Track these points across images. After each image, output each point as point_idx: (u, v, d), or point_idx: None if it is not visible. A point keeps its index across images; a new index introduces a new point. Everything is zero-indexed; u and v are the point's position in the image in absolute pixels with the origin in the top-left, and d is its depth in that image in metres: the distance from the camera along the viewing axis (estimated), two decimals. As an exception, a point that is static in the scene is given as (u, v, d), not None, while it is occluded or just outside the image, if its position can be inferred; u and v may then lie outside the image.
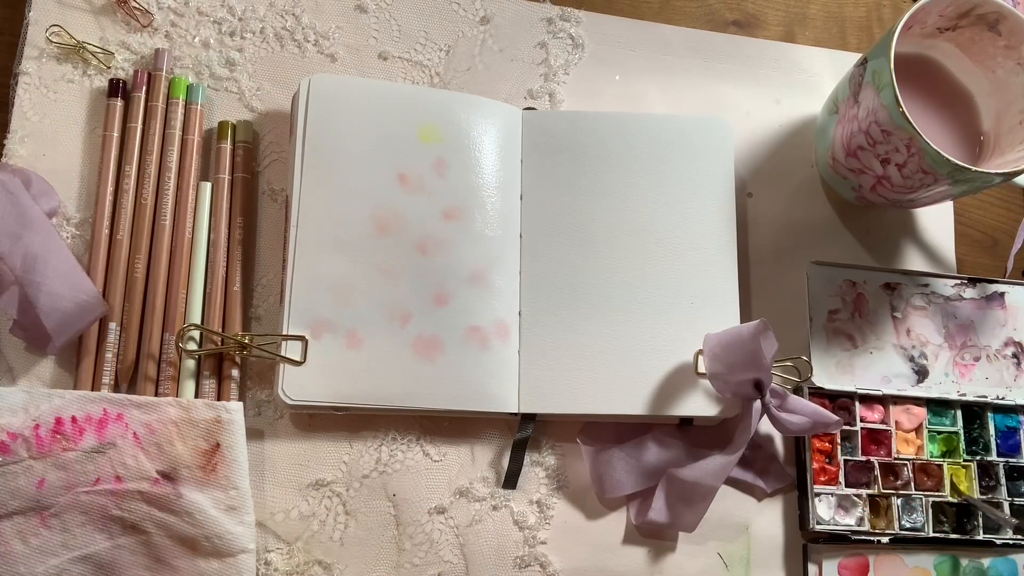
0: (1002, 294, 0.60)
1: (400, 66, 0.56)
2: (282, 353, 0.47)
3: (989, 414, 0.57)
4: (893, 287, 0.58)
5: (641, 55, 0.60)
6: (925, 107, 0.56)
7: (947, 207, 0.63)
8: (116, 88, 0.50)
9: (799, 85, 0.63)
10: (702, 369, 0.51)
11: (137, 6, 0.52)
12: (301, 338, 0.47)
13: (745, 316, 0.55)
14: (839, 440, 0.54)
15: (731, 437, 0.51)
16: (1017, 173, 0.49)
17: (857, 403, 0.55)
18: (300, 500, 0.49)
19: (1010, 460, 0.57)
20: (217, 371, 0.48)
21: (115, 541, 0.43)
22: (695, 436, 0.53)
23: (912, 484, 0.55)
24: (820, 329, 0.56)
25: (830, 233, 0.60)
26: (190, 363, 0.48)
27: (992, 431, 0.57)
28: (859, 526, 0.53)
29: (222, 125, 0.52)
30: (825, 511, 0.53)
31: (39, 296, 0.43)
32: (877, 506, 0.54)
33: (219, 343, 0.48)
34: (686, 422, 0.53)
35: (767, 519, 0.54)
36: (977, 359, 0.58)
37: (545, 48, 0.59)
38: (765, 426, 0.53)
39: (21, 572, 0.42)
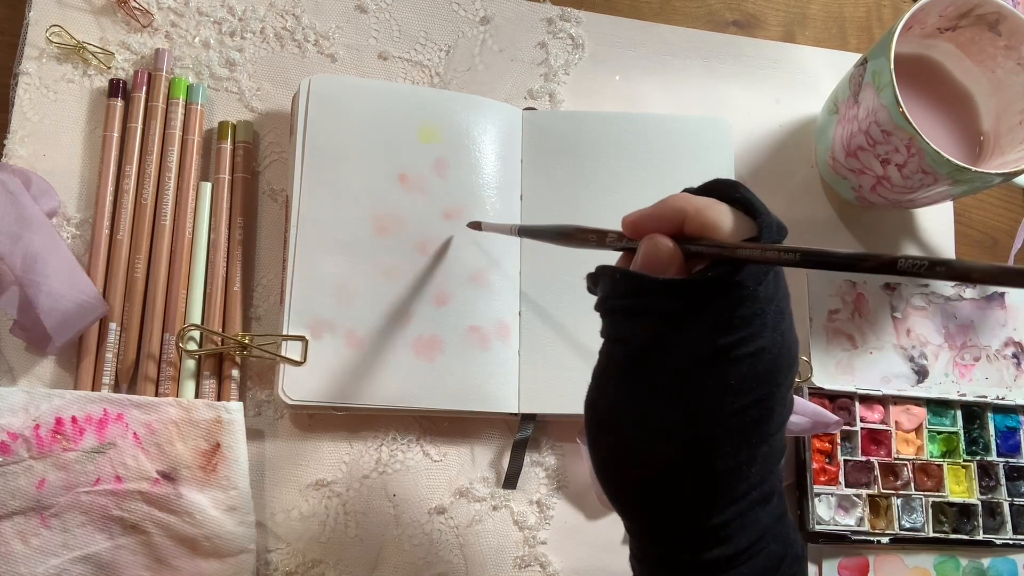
0: (1002, 294, 0.60)
1: (400, 66, 0.56)
2: (282, 353, 0.47)
3: (989, 414, 0.57)
4: (893, 287, 0.58)
5: (641, 55, 0.60)
6: (925, 107, 0.56)
7: (947, 207, 0.63)
8: (116, 88, 0.50)
9: (799, 85, 0.63)
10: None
11: (137, 6, 0.52)
12: (301, 338, 0.47)
13: (745, 316, 0.55)
14: (839, 440, 0.54)
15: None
16: (1017, 173, 0.50)
17: (857, 403, 0.55)
18: (300, 500, 0.49)
19: (1010, 460, 0.57)
20: (217, 371, 0.48)
21: (115, 541, 0.43)
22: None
23: (912, 484, 0.55)
24: (820, 329, 0.56)
25: (830, 233, 0.60)
26: (190, 363, 0.48)
27: (992, 431, 0.57)
28: (859, 526, 0.53)
29: (222, 125, 0.52)
30: (825, 511, 0.53)
31: (39, 296, 0.43)
32: (877, 506, 0.54)
33: (219, 343, 0.48)
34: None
35: (767, 519, 0.54)
36: (977, 359, 0.58)
37: (545, 48, 0.59)
38: (765, 426, 0.53)
39: (21, 572, 0.42)
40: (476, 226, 0.49)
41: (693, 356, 0.28)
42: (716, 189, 0.30)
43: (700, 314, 0.28)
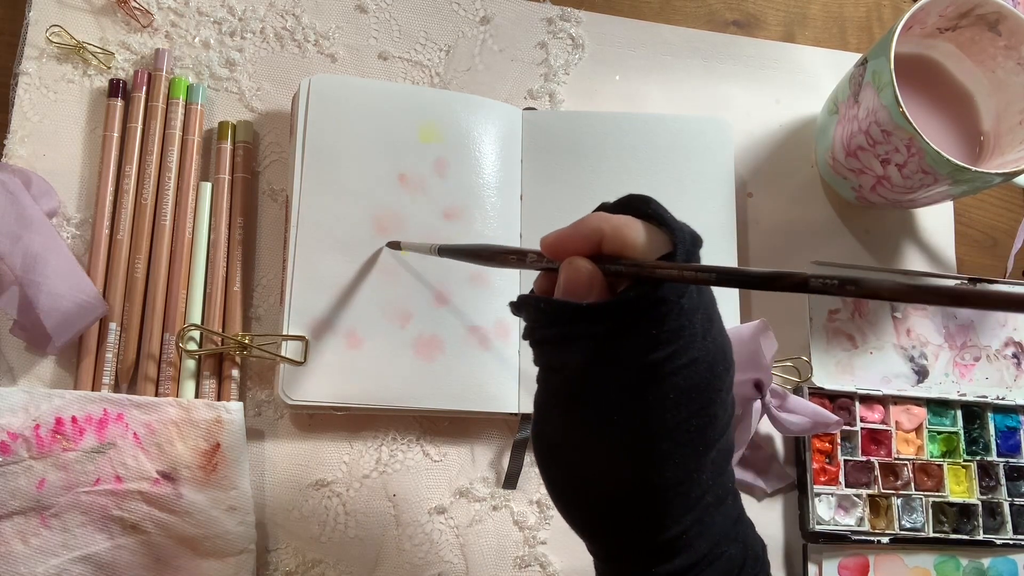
0: (1002, 294, 0.60)
1: (400, 66, 0.56)
2: (282, 353, 0.47)
3: (989, 414, 0.57)
4: (893, 287, 0.58)
5: (641, 55, 0.60)
6: (925, 107, 0.56)
7: (947, 207, 0.63)
8: (116, 88, 0.50)
9: (799, 85, 0.63)
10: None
11: (137, 6, 0.52)
12: (301, 338, 0.47)
13: (745, 316, 0.55)
14: (839, 440, 0.54)
15: (731, 437, 0.51)
16: (1017, 173, 0.50)
17: (857, 403, 0.55)
18: (300, 500, 0.49)
19: (1010, 460, 0.57)
20: (217, 371, 0.48)
21: (115, 541, 0.43)
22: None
23: (912, 484, 0.55)
24: (820, 329, 0.56)
25: (830, 233, 0.60)
26: (190, 363, 0.48)
27: (992, 431, 0.57)
28: (859, 526, 0.53)
29: (222, 125, 0.52)
30: (825, 511, 0.53)
31: (39, 296, 0.43)
32: (877, 506, 0.54)
33: (219, 343, 0.48)
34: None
35: (767, 519, 0.54)
36: (977, 359, 0.58)
37: (545, 48, 0.59)
38: (765, 426, 0.53)
39: (21, 572, 0.42)
40: (395, 246, 0.49)
41: (628, 376, 0.28)
42: (630, 205, 0.30)
43: (628, 334, 0.28)
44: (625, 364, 0.28)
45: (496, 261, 0.34)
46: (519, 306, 0.31)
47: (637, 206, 0.30)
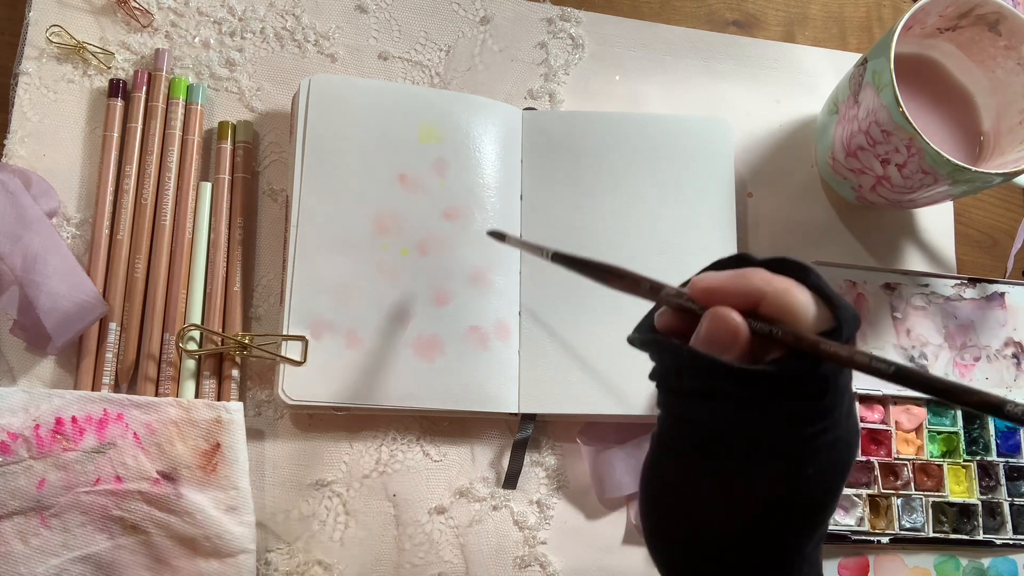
0: (1002, 294, 0.60)
1: (400, 66, 0.56)
2: (282, 353, 0.47)
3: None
4: (893, 287, 0.58)
5: (641, 55, 0.60)
6: (925, 107, 0.56)
7: (947, 207, 0.63)
8: (116, 88, 0.50)
9: (799, 85, 0.63)
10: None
11: (137, 6, 0.52)
12: (301, 338, 0.47)
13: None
14: (839, 440, 0.54)
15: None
16: (1017, 173, 0.49)
17: (857, 403, 0.55)
18: (300, 500, 0.49)
19: (1010, 460, 0.57)
20: (217, 371, 0.48)
21: (115, 541, 0.43)
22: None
23: (912, 484, 0.55)
24: (820, 329, 0.56)
25: (830, 233, 0.60)
26: (190, 363, 0.48)
27: (992, 431, 0.57)
28: (859, 526, 0.53)
29: (222, 125, 0.52)
30: (825, 511, 0.53)
31: (39, 296, 0.43)
32: (877, 506, 0.54)
33: (219, 343, 0.48)
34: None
35: (767, 519, 0.54)
36: (977, 359, 0.58)
37: (545, 48, 0.59)
38: (765, 426, 0.53)
39: (21, 572, 0.42)
40: (499, 237, 0.45)
41: (769, 445, 0.27)
42: (785, 267, 0.28)
43: (780, 404, 0.26)
44: (769, 433, 0.27)
45: (623, 284, 0.31)
46: (651, 345, 0.29)
47: (795, 272, 0.28)
